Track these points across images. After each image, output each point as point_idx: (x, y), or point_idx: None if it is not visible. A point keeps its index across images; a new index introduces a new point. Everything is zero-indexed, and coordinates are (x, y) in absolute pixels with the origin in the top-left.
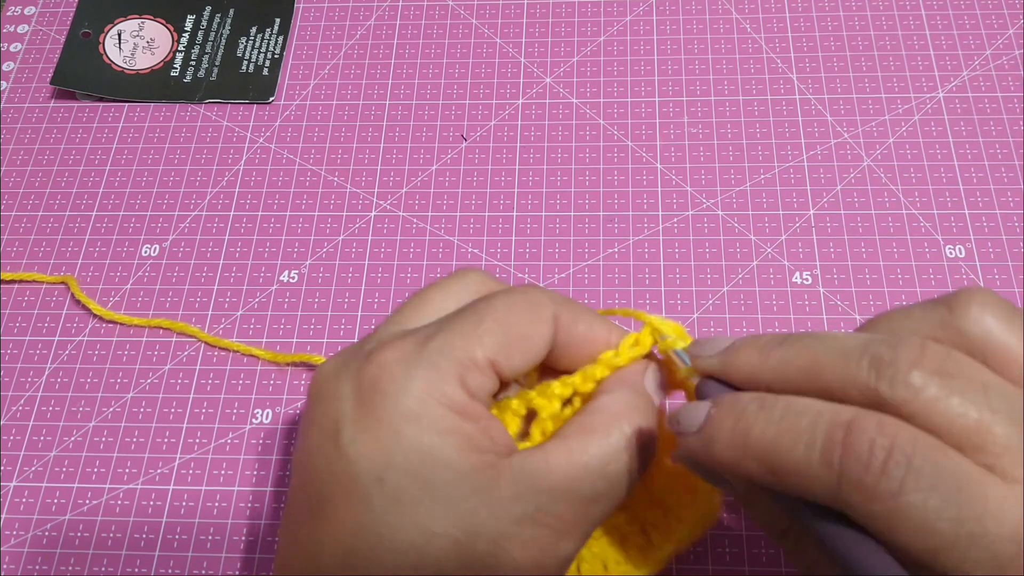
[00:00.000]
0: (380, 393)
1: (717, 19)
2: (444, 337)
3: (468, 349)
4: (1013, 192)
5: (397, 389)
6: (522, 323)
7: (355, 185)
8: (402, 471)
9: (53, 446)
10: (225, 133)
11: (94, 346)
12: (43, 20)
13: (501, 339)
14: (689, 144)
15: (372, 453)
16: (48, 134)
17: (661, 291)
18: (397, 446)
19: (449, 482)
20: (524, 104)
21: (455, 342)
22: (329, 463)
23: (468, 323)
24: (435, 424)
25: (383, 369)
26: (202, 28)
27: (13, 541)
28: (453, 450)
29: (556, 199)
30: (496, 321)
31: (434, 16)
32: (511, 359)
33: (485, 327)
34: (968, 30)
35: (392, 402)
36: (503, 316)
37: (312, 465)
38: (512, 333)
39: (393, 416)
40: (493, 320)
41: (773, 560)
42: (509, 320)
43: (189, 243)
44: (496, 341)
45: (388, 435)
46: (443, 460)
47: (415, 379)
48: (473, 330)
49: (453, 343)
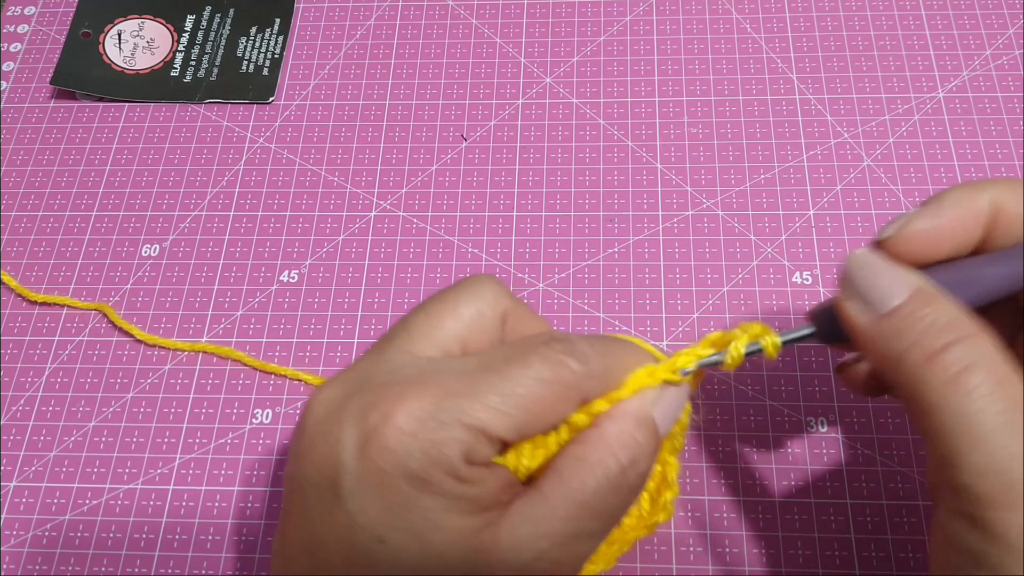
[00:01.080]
0: (387, 451)
1: (717, 19)
2: (460, 404)
3: (482, 421)
4: None
5: (405, 450)
6: (546, 409)
7: (355, 185)
8: (404, 533)
9: (53, 446)
10: (225, 133)
11: (94, 346)
12: (43, 20)
13: (520, 421)
14: (689, 144)
15: (373, 511)
16: (48, 134)
17: (661, 291)
18: (400, 508)
19: (450, 545)
20: (524, 104)
21: (471, 412)
22: (328, 510)
23: (492, 396)
24: (440, 489)
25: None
26: (202, 28)
27: (13, 541)
28: (456, 515)
29: (556, 199)
30: (521, 401)
31: (434, 16)
32: (523, 433)
33: (508, 406)
34: (968, 30)
35: (398, 462)
36: (529, 398)
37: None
38: (533, 415)
39: (397, 478)
40: (518, 400)
41: (773, 560)
42: (534, 405)
43: (189, 243)
44: (515, 423)
45: (391, 495)
46: (445, 525)
47: (424, 442)
48: (496, 406)
49: (468, 412)
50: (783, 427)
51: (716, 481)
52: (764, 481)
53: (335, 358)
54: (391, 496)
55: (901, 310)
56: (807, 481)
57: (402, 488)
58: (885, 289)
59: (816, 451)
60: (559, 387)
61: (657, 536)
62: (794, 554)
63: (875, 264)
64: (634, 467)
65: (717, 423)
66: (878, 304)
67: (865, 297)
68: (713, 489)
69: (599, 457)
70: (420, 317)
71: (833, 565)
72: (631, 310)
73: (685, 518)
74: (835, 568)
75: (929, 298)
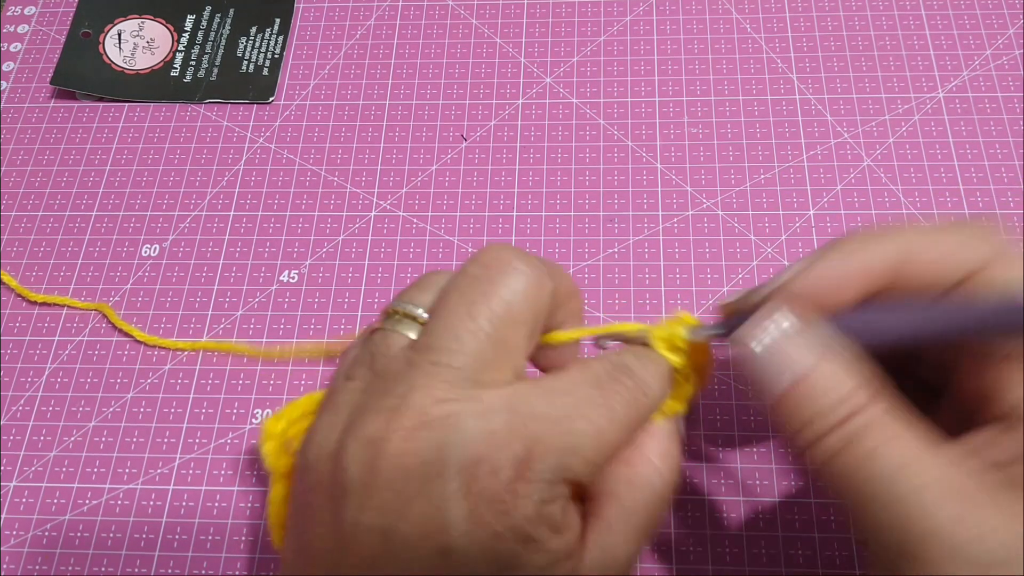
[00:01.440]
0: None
1: (717, 19)
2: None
3: (578, 476)
4: (1013, 192)
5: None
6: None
7: (355, 185)
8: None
9: (53, 446)
10: (225, 133)
11: (94, 346)
12: (43, 20)
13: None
14: (689, 144)
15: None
16: (48, 134)
17: (661, 291)
18: (508, 567)
19: None
20: (524, 104)
21: (572, 468)
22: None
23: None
24: (545, 547)
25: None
26: (202, 28)
27: (13, 541)
28: (557, 567)
29: (556, 199)
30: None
31: (434, 16)
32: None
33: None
34: (968, 30)
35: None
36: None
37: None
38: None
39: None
40: (610, 448)
41: (773, 560)
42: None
43: (189, 243)
44: (599, 468)
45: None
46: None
47: (530, 500)
48: (591, 458)
49: (571, 468)
50: None
51: (716, 481)
52: (764, 481)
53: (335, 358)
54: (502, 557)
55: (793, 391)
56: (807, 481)
57: (512, 548)
58: (782, 366)
59: None
60: (637, 423)
61: (657, 536)
62: (794, 554)
63: (775, 343)
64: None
65: (717, 423)
66: (775, 383)
67: (764, 376)
68: (713, 489)
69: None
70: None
71: (833, 565)
72: (631, 310)
73: (685, 518)
74: (835, 568)
75: (820, 374)
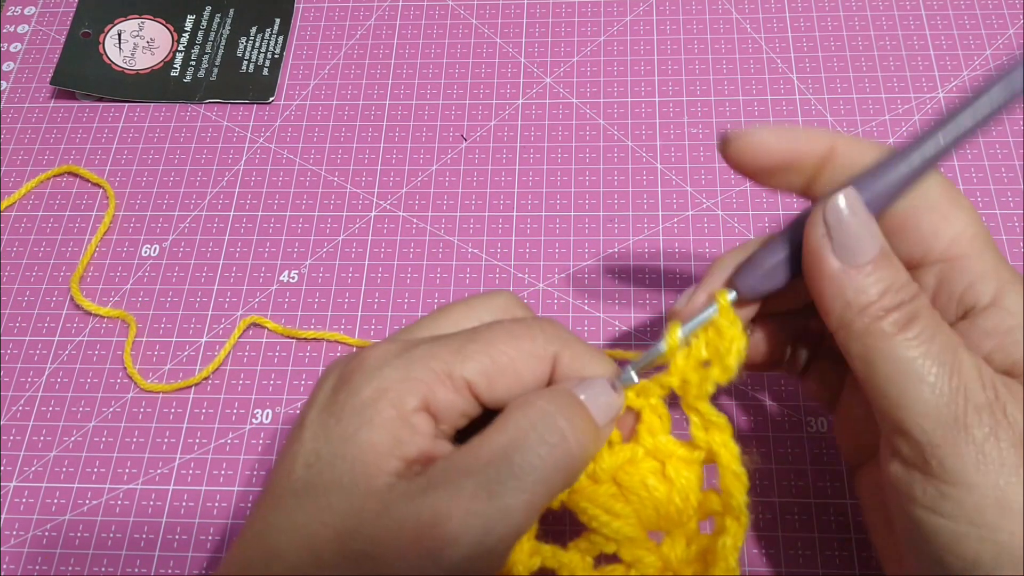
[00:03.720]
0: (348, 385)
1: (717, 19)
2: (428, 348)
3: (448, 364)
4: (1013, 192)
5: (361, 384)
6: (515, 355)
7: (355, 185)
8: (326, 459)
9: (53, 446)
10: (225, 133)
11: (94, 346)
12: (43, 20)
13: (486, 365)
14: (689, 144)
15: (318, 437)
16: (48, 134)
17: (661, 291)
18: (333, 432)
19: (355, 477)
20: (524, 104)
21: (437, 354)
22: (290, 443)
23: (457, 341)
24: (374, 419)
25: (360, 364)
26: (202, 28)
27: (13, 541)
28: (375, 449)
29: (556, 199)
30: (487, 346)
31: (434, 16)
32: (493, 387)
33: (473, 348)
34: (968, 30)
35: (352, 394)
36: (497, 344)
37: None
38: (500, 362)
39: (345, 407)
40: (485, 344)
41: (773, 560)
42: (501, 349)
43: (189, 243)
44: (480, 366)
45: (333, 422)
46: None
47: (380, 377)
48: (460, 348)
49: (435, 354)
50: (783, 427)
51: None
52: (764, 481)
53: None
54: (331, 425)
55: (870, 266)
56: (807, 481)
57: (343, 415)
58: (864, 240)
59: (816, 451)
60: (528, 339)
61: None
62: (794, 554)
63: (861, 213)
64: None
65: None
66: (853, 255)
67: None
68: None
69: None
70: (433, 312)
71: (833, 565)
72: (631, 310)
73: None
74: (835, 568)
75: (889, 259)
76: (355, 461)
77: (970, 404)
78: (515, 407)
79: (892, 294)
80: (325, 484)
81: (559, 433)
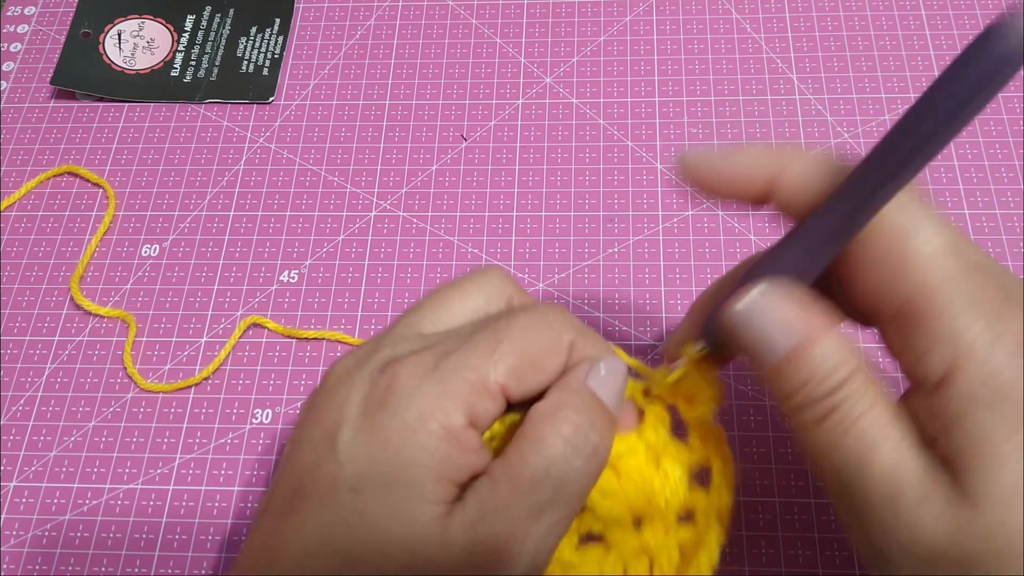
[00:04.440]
0: (386, 406)
1: (717, 19)
2: (459, 357)
3: (482, 371)
4: (1013, 192)
5: (401, 405)
6: (538, 349)
7: (355, 185)
8: (378, 484)
9: (53, 446)
10: (225, 133)
11: (94, 346)
12: (43, 20)
13: (515, 363)
14: (689, 144)
15: (359, 460)
16: (48, 134)
17: (661, 291)
18: (378, 457)
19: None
20: (524, 104)
21: (470, 362)
22: (319, 461)
23: (485, 343)
24: (426, 445)
25: (396, 381)
26: (202, 28)
27: (13, 541)
28: (430, 475)
29: (556, 199)
30: (512, 344)
31: (434, 16)
32: (522, 384)
33: (502, 351)
34: (968, 30)
35: (393, 415)
36: (520, 340)
37: (301, 459)
38: (527, 359)
39: (390, 429)
40: (510, 343)
41: (773, 560)
42: (526, 345)
43: (189, 243)
44: (510, 366)
45: (378, 445)
46: (416, 483)
47: (422, 396)
48: (489, 353)
49: (467, 363)
50: (783, 427)
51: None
52: (764, 481)
53: (335, 358)
54: (377, 447)
55: (783, 363)
56: (807, 481)
57: (391, 438)
58: (773, 340)
59: None
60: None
61: None
62: (794, 554)
63: (764, 314)
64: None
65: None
66: (763, 356)
67: (752, 348)
68: None
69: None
70: (428, 299)
71: (833, 565)
72: (631, 310)
73: None
74: (835, 568)
75: (806, 353)
76: (410, 488)
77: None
78: (543, 420)
79: (812, 386)
80: (378, 513)
81: (592, 445)
